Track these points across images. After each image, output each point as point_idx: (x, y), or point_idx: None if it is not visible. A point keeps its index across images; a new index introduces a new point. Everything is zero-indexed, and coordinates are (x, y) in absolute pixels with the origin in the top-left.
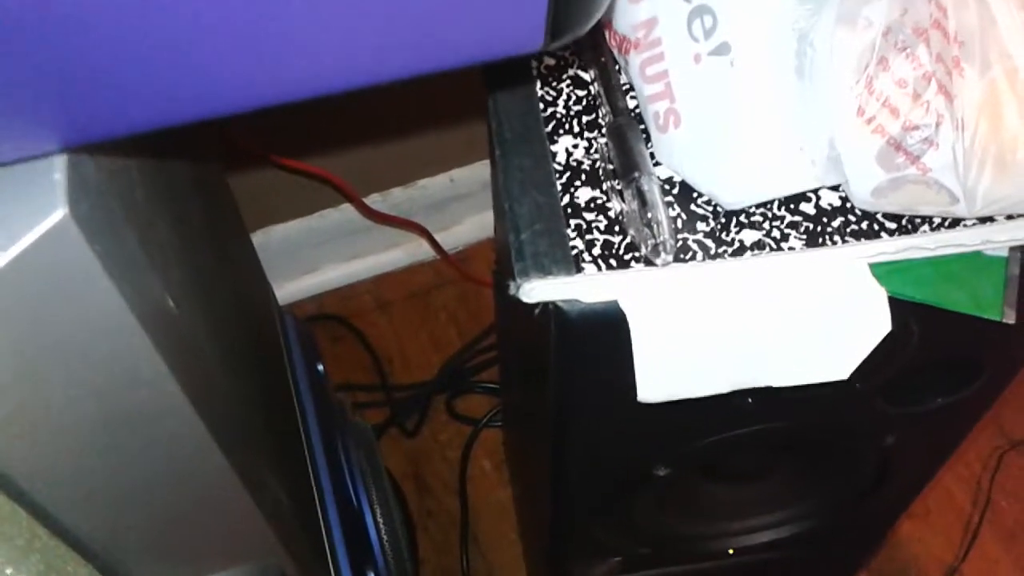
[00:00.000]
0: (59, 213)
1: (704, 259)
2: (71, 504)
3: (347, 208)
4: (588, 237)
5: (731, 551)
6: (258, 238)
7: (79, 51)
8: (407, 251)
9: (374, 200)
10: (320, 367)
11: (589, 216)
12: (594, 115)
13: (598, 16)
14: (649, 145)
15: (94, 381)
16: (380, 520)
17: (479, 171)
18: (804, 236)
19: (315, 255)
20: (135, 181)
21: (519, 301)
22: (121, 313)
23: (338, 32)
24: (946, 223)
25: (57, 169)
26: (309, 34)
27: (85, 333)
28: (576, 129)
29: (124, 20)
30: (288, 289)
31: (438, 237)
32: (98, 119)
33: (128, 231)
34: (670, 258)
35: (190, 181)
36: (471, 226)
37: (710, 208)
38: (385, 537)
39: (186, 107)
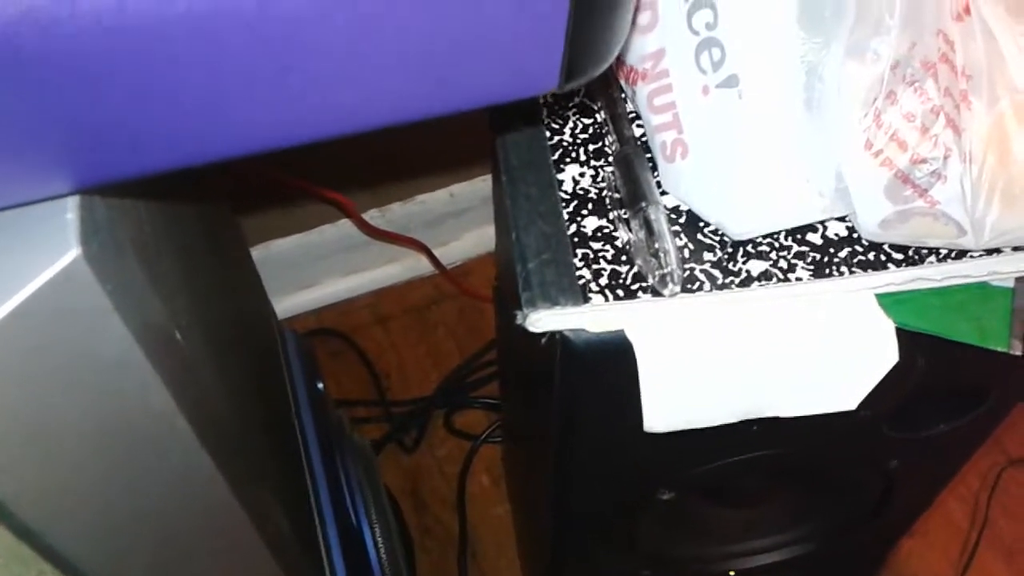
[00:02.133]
0: (72, 253)
1: (711, 289)
2: (78, 540)
3: (346, 224)
4: (595, 267)
5: (732, 573)
6: (257, 253)
7: (96, 94)
8: (406, 266)
9: (373, 216)
10: (320, 384)
11: (596, 245)
12: (601, 144)
13: (612, 58)
14: (656, 175)
15: (102, 416)
16: (379, 538)
17: (479, 186)
18: (811, 267)
19: (314, 270)
20: (143, 216)
21: (524, 329)
22: (129, 347)
23: (356, 78)
24: (953, 254)
25: (70, 209)
26: (327, 81)
27: (94, 369)
28: (583, 158)
29: (142, 67)
30: (287, 304)
31: (437, 252)
32: (113, 161)
33: (136, 266)
34: (677, 288)
35: (194, 208)
36: (470, 241)
37: (717, 238)
38: (384, 555)
39: (202, 149)
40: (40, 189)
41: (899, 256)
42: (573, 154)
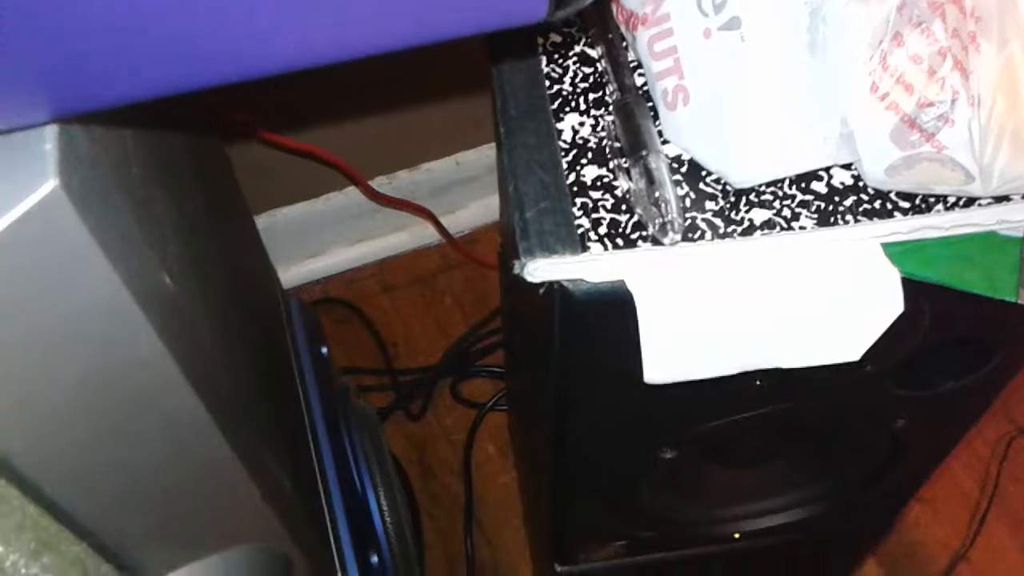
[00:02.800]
0: (49, 184)
1: (713, 238)
2: (65, 483)
3: (352, 191)
4: (594, 216)
5: (737, 535)
6: (263, 221)
7: (67, 18)
8: (412, 234)
9: (379, 183)
10: (324, 350)
11: (595, 195)
12: (601, 92)
13: None
14: (657, 123)
15: (88, 359)
16: (384, 504)
17: (485, 154)
18: (815, 215)
19: (320, 238)
20: (130, 156)
21: (523, 281)
22: (116, 289)
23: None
24: (960, 202)
25: (48, 140)
26: (305, 3)
27: (78, 310)
28: (583, 107)
29: None
30: (293, 272)
31: (444, 220)
32: (89, 88)
33: (122, 205)
34: (678, 237)
35: (189, 161)
36: (477, 210)
37: (719, 187)
38: (389, 521)
39: (177, 77)
40: (12, 116)
41: (906, 204)
42: (573, 103)
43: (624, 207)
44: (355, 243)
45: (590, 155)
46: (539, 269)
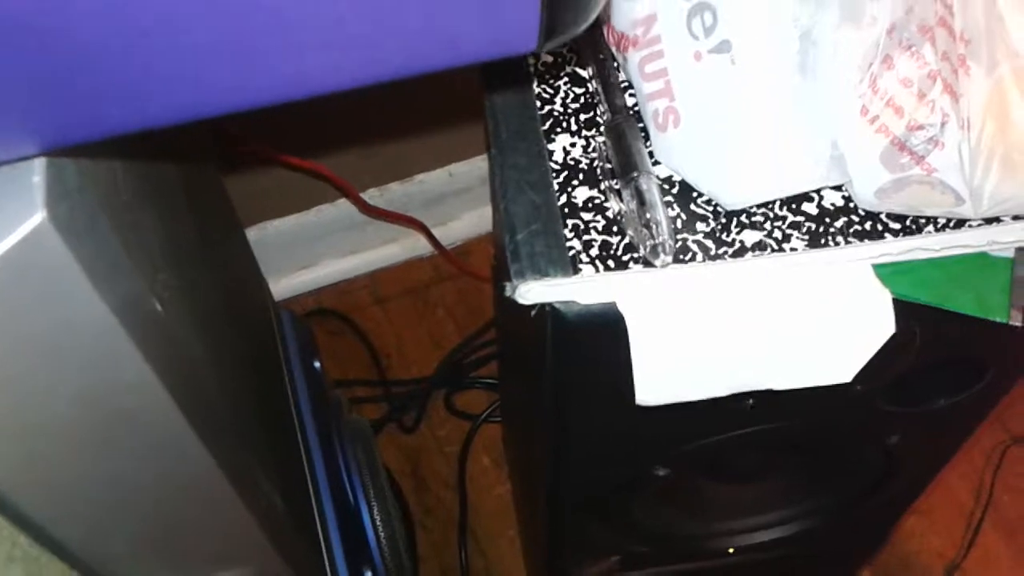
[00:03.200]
0: (37, 217)
1: (704, 260)
2: (54, 510)
3: (344, 203)
4: (586, 237)
5: (731, 550)
6: (254, 233)
7: (57, 52)
8: (405, 246)
9: (371, 195)
10: (317, 364)
11: (587, 216)
12: (592, 113)
13: (592, 17)
14: (648, 144)
15: (77, 386)
16: (377, 518)
17: (477, 165)
18: (806, 237)
19: (312, 250)
20: (119, 183)
21: (515, 302)
22: (103, 317)
23: (329, 33)
24: (951, 224)
25: (36, 172)
26: (299, 36)
27: (66, 338)
28: (574, 127)
29: (104, 22)
30: (285, 284)
31: (436, 232)
32: (78, 122)
33: (110, 234)
34: (669, 259)
35: (180, 179)
36: (469, 221)
37: (710, 208)
38: (382, 535)
39: (171, 109)
40: (3, 151)
41: (896, 226)
42: (564, 124)
43: (615, 229)
44: (347, 255)
45: (581, 176)
46: (531, 291)
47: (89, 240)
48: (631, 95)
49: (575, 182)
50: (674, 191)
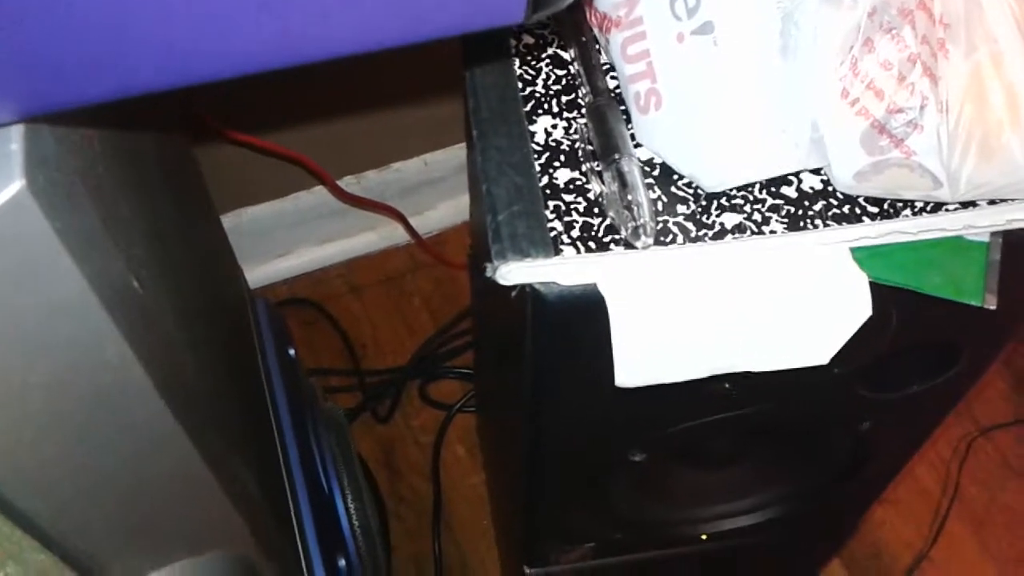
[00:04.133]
0: (15, 185)
1: (684, 242)
2: (29, 490)
3: (320, 191)
4: (567, 219)
5: (704, 536)
6: (230, 220)
7: (34, 18)
8: (381, 235)
9: (348, 183)
10: (291, 351)
11: (568, 198)
12: (574, 95)
13: None
14: (630, 126)
15: (53, 361)
16: (351, 506)
17: (454, 155)
18: (785, 220)
19: (287, 238)
20: (97, 157)
21: (496, 284)
22: (82, 292)
23: (315, 3)
24: (928, 207)
25: (13, 140)
26: (279, 3)
27: (43, 311)
28: (555, 109)
29: None
30: (260, 272)
31: (412, 221)
32: (56, 88)
33: (89, 207)
34: (650, 241)
35: (157, 162)
36: (445, 210)
37: (691, 190)
38: (356, 523)
39: (145, 77)
40: None
41: (874, 209)
42: (546, 105)
43: (596, 210)
44: (323, 243)
45: (563, 158)
46: (511, 272)
47: (67, 211)
48: (613, 77)
49: (556, 163)
50: (655, 173)
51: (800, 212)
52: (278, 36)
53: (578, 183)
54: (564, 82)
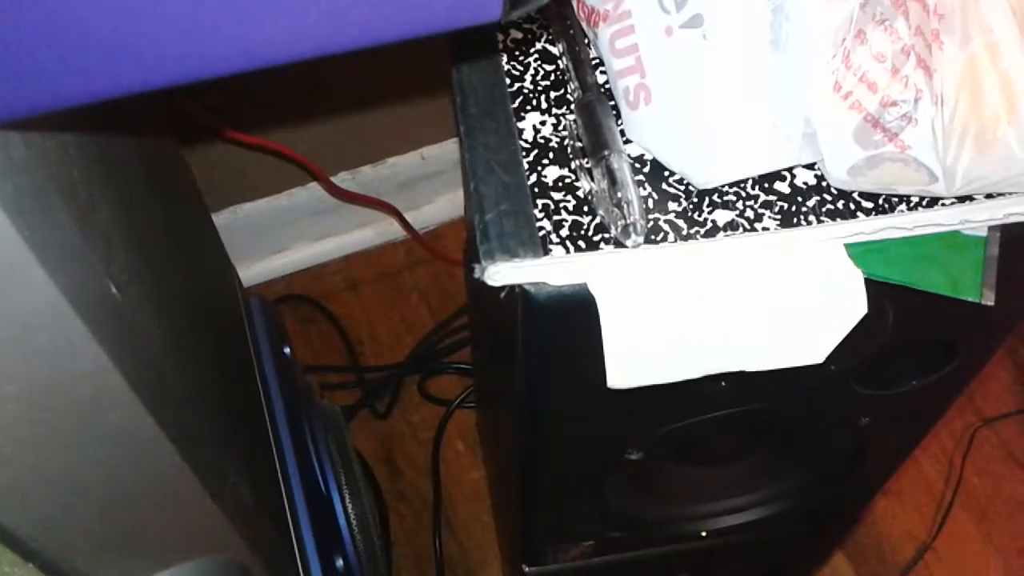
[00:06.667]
0: None
1: (676, 240)
2: (7, 501)
3: (315, 187)
4: (556, 218)
5: (704, 533)
6: (225, 217)
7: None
8: (377, 230)
9: (343, 179)
10: (287, 349)
11: (557, 196)
12: (562, 91)
13: None
14: (619, 122)
15: (30, 374)
16: (349, 505)
17: (450, 149)
18: (778, 216)
19: (283, 235)
20: (72, 160)
21: (486, 284)
22: (55, 301)
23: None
24: (924, 202)
25: None
26: (259, 2)
27: (16, 322)
28: (544, 105)
29: None
30: (256, 269)
31: (409, 216)
32: (23, 93)
33: (62, 212)
34: (641, 239)
35: (140, 161)
36: (442, 205)
37: (682, 187)
38: (354, 522)
39: (122, 78)
40: None
41: (869, 205)
42: (534, 101)
43: (586, 208)
44: (319, 239)
45: (552, 155)
46: (500, 272)
47: (38, 219)
48: (602, 72)
49: (545, 161)
50: (645, 170)
51: (793, 208)
52: (259, 37)
53: (567, 181)
54: (553, 78)
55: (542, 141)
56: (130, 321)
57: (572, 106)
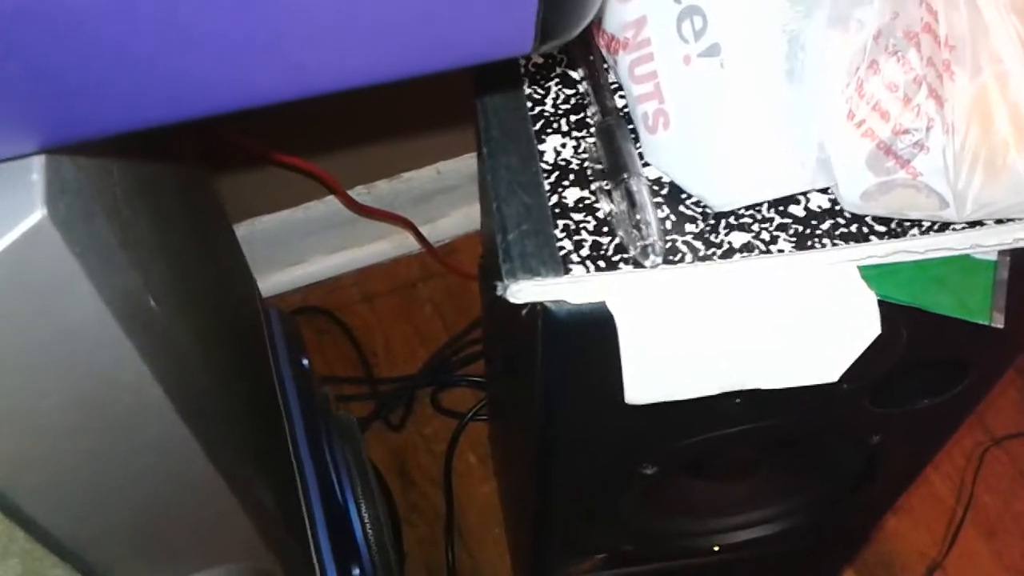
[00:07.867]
0: (37, 215)
1: (693, 261)
2: (50, 507)
3: (332, 200)
4: (576, 238)
5: (716, 548)
6: (242, 230)
7: (60, 51)
8: (393, 243)
9: (359, 192)
10: (305, 361)
11: (577, 217)
12: (582, 114)
13: (588, 20)
14: (638, 146)
15: (74, 385)
16: (365, 515)
17: (465, 163)
18: (793, 239)
19: (300, 247)
20: (114, 179)
21: (506, 301)
22: (101, 316)
23: (325, 35)
24: (935, 227)
25: (35, 170)
26: (295, 38)
27: (64, 336)
28: (564, 128)
29: (107, 24)
30: (272, 281)
31: (424, 230)
32: (79, 120)
33: (107, 230)
34: (659, 259)
35: (170, 176)
36: (457, 219)
37: (699, 209)
38: (370, 532)
39: (169, 109)
40: (2, 148)
41: (881, 228)
42: (555, 125)
43: (606, 229)
44: (335, 252)
45: (572, 177)
46: (521, 290)
47: (86, 235)
48: (621, 97)
49: (566, 183)
50: (664, 192)
51: (808, 231)
52: (292, 70)
53: (587, 202)
54: (573, 102)
55: (563, 163)
56: (167, 333)
57: (592, 129)
